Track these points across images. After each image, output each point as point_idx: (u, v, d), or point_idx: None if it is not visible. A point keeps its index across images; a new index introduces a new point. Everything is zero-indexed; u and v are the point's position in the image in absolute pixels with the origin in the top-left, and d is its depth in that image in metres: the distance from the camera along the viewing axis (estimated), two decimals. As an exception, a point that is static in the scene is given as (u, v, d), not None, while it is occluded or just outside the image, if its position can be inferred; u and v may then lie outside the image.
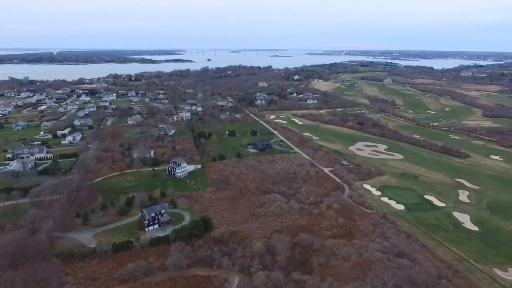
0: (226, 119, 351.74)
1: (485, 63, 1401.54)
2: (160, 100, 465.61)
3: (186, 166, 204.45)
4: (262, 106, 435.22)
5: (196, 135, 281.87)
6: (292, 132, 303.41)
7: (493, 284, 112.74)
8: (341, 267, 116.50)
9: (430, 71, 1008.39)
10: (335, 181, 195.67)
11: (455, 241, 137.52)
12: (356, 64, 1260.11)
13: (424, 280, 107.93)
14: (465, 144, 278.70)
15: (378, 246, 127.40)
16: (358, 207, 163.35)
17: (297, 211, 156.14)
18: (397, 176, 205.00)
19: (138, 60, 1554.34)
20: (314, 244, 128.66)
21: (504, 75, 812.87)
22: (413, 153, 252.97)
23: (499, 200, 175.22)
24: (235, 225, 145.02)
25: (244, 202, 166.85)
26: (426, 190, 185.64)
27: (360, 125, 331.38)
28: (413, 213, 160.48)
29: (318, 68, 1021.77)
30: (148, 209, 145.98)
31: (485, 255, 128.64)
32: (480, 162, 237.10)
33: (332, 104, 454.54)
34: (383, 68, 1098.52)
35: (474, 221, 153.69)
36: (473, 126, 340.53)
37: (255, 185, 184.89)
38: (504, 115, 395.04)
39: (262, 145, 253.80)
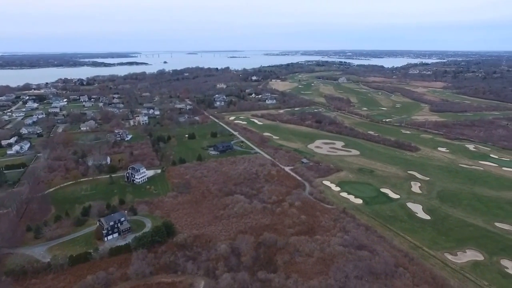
0: (185, 122, 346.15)
1: (430, 61, 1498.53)
2: (115, 105, 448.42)
3: (145, 172, 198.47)
4: (221, 107, 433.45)
5: (154, 139, 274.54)
6: (252, 133, 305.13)
7: (445, 268, 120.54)
8: (305, 263, 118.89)
9: (381, 69, 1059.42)
10: (296, 179, 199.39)
11: (409, 231, 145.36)
12: (312, 64, 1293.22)
13: (383, 270, 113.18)
14: (415, 138, 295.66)
15: (339, 240, 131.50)
16: (319, 204, 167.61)
17: (260, 211, 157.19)
18: (354, 172, 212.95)
19: (90, 63, 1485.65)
20: (278, 242, 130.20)
21: (447, 72, 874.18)
22: (368, 149, 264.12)
23: (447, 189, 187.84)
24: (198, 228, 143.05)
25: (207, 205, 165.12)
26: (381, 184, 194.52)
27: (318, 124, 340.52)
28: (370, 206, 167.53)
29: (275, 68, 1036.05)
30: (106, 217, 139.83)
31: (436, 241, 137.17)
32: (429, 154, 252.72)
33: (290, 103, 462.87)
34: (338, 67, 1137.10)
35: (426, 210, 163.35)
36: (421, 120, 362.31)
37: (217, 187, 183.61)
38: (448, 109, 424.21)
39: (223, 147, 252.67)
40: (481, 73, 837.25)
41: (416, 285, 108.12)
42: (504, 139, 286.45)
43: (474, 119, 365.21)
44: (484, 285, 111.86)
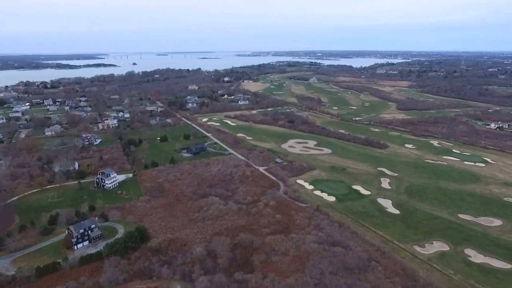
0: (156, 124, 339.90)
1: (396, 61, 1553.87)
2: (82, 108, 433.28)
3: (116, 176, 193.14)
4: (193, 109, 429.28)
5: (125, 143, 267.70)
6: (226, 134, 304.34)
7: (414, 260, 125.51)
8: (281, 262, 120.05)
9: (350, 69, 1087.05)
10: (271, 179, 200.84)
11: (380, 225, 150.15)
12: (283, 64, 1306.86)
13: (356, 264, 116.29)
14: (383, 136, 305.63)
15: (314, 237, 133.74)
16: (294, 202, 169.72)
17: (236, 212, 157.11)
18: (327, 170, 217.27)
19: (54, 65, 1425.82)
20: (254, 242, 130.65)
21: (411, 72, 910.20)
22: (340, 147, 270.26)
23: (414, 184, 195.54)
24: (173, 232, 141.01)
25: (181, 208, 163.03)
26: (353, 181, 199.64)
27: (291, 123, 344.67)
28: (343, 203, 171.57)
29: (247, 69, 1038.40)
30: (75, 225, 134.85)
31: (406, 235, 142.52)
32: (397, 151, 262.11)
33: (263, 104, 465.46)
34: (308, 68, 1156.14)
35: (395, 205, 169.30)
36: (389, 119, 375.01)
37: (191, 189, 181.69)
38: (414, 107, 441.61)
39: (196, 149, 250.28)
40: (443, 73, 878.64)
41: (388, 278, 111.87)
42: (465, 135, 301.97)
43: (437, 116, 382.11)
44: (450, 274, 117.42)
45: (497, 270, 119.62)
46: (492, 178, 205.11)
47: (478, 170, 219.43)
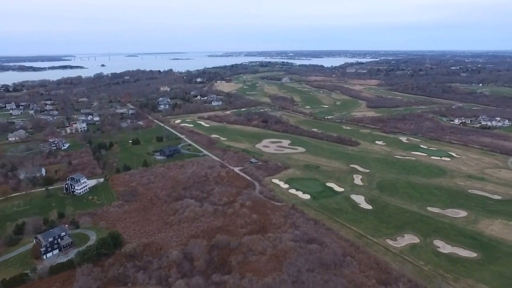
0: (128, 127, 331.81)
1: (365, 60, 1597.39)
2: (48, 112, 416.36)
3: (86, 181, 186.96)
4: (166, 111, 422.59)
5: (95, 147, 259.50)
6: (200, 135, 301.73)
7: (387, 253, 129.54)
8: (259, 262, 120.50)
9: (321, 69, 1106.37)
10: (246, 179, 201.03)
11: (354, 221, 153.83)
12: (256, 64, 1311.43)
13: (332, 260, 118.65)
14: (355, 133, 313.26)
15: (290, 236, 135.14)
16: (269, 202, 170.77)
17: (212, 213, 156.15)
18: (301, 168, 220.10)
19: (16, 67, 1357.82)
20: (231, 243, 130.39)
21: (380, 71, 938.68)
22: (313, 145, 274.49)
23: (385, 179, 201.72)
24: (148, 237, 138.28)
25: (156, 212, 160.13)
26: (327, 178, 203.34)
27: (265, 123, 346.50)
28: (317, 201, 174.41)
29: (220, 69, 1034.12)
30: (44, 234, 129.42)
31: (379, 229, 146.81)
32: (368, 148, 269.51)
33: (236, 104, 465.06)
34: (281, 68, 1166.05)
35: (368, 201, 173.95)
36: (360, 116, 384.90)
37: (165, 192, 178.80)
38: (383, 105, 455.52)
39: (169, 151, 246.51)
40: (409, 71, 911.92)
41: (363, 272, 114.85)
42: (431, 131, 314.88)
43: (405, 113, 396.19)
44: (420, 265, 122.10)
45: (464, 259, 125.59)
46: (457, 171, 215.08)
47: (444, 164, 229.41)
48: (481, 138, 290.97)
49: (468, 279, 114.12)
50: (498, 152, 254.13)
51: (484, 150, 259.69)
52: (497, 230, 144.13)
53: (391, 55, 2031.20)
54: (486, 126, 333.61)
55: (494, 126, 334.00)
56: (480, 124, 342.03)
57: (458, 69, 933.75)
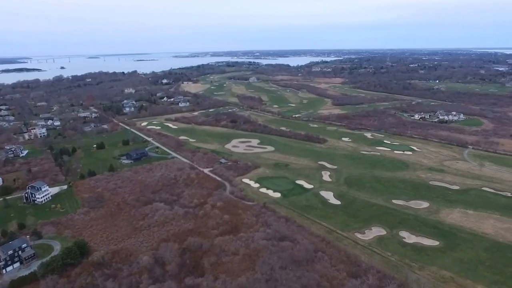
0: (91, 131, 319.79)
1: (329, 59, 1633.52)
2: (4, 117, 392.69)
3: (48, 189, 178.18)
4: (131, 113, 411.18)
5: (56, 153, 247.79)
6: (168, 137, 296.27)
7: (356, 246, 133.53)
8: (232, 262, 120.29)
9: (288, 68, 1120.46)
10: (216, 180, 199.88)
11: (324, 217, 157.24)
12: (223, 64, 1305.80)
13: (304, 256, 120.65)
14: (322, 131, 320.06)
15: (262, 234, 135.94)
16: (241, 202, 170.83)
17: (183, 216, 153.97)
18: (271, 167, 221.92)
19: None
20: (203, 245, 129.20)
21: (344, 69, 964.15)
22: (282, 144, 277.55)
23: (352, 175, 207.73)
24: (116, 243, 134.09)
25: (124, 217, 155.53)
26: (296, 176, 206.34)
27: (233, 123, 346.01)
28: (288, 199, 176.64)
29: (186, 70, 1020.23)
30: (3, 246, 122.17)
31: (348, 223, 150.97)
32: (335, 145, 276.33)
33: (204, 105, 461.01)
34: (248, 68, 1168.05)
35: (336, 196, 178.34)
36: (326, 114, 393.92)
37: (134, 197, 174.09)
38: (348, 102, 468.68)
39: (136, 154, 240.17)
40: (371, 69, 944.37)
41: (334, 266, 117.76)
42: (394, 126, 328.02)
43: (369, 110, 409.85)
44: (388, 256, 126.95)
45: (427, 247, 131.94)
46: (419, 164, 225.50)
47: (407, 158, 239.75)
48: (439, 132, 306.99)
49: (432, 266, 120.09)
50: (455, 144, 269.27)
51: (442, 143, 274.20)
52: (456, 219, 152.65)
53: (354, 54, 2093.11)
54: (443, 120, 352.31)
55: (451, 120, 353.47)
56: (438, 118, 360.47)
57: (416, 67, 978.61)
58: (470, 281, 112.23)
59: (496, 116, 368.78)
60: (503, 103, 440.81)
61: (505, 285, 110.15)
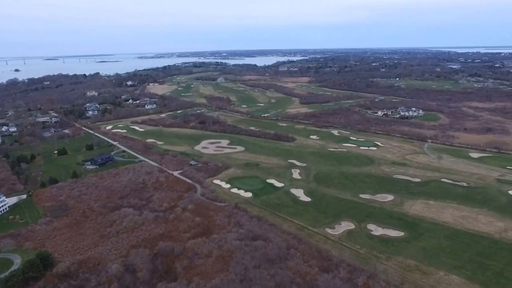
0: (52, 136, 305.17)
1: (296, 58, 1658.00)
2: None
3: (5, 200, 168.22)
4: (95, 117, 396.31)
5: (13, 161, 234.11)
6: (134, 141, 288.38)
7: (327, 242, 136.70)
8: (205, 265, 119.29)
9: (255, 68, 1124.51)
10: (187, 183, 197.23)
11: (295, 214, 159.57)
12: (189, 65, 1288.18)
13: (277, 254, 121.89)
14: (291, 130, 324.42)
15: (235, 235, 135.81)
16: (212, 203, 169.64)
17: (153, 221, 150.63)
18: (241, 167, 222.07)
19: None
20: (175, 249, 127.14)
21: (310, 68, 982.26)
22: (252, 144, 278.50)
23: (321, 172, 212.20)
24: (83, 253, 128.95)
25: (90, 225, 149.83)
26: (267, 175, 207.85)
27: (202, 124, 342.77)
28: (259, 198, 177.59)
29: (151, 71, 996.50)
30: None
31: (318, 219, 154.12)
32: (304, 143, 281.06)
33: (171, 107, 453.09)
34: (215, 68, 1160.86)
35: (306, 193, 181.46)
36: (294, 113, 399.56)
37: (100, 203, 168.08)
38: (315, 101, 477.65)
39: (102, 159, 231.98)
40: (336, 68, 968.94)
41: (306, 262, 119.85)
42: (359, 123, 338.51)
43: (335, 108, 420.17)
44: (357, 249, 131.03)
45: (393, 239, 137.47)
46: (383, 159, 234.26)
47: (372, 153, 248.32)
48: (401, 127, 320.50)
49: (398, 256, 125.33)
50: (416, 139, 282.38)
51: (404, 138, 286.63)
52: (418, 210, 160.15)
53: (319, 53, 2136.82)
54: (404, 116, 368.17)
55: (411, 116, 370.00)
56: (399, 114, 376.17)
57: (378, 65, 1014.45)
58: (433, 268, 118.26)
59: (452, 111, 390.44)
60: (457, 99, 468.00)
61: (464, 269, 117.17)
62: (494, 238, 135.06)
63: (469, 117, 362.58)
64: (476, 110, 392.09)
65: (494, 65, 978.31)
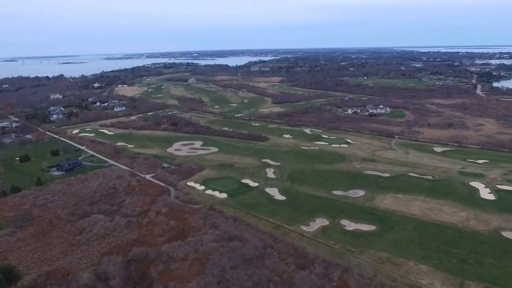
0: (13, 142, 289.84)
1: (267, 58, 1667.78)
2: None
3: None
4: (60, 121, 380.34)
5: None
6: (103, 144, 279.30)
7: (302, 239, 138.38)
8: (181, 268, 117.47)
9: (227, 68, 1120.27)
10: (160, 186, 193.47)
11: (271, 213, 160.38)
12: (159, 66, 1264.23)
13: (254, 254, 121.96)
14: (264, 129, 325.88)
15: (211, 237, 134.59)
16: (187, 206, 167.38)
17: (125, 226, 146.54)
18: (216, 168, 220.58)
19: None
20: (149, 254, 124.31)
21: (281, 68, 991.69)
22: (225, 144, 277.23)
23: (295, 170, 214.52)
24: (51, 263, 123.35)
25: (58, 234, 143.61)
26: (242, 175, 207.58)
27: (174, 126, 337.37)
28: (235, 198, 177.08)
29: (120, 73, 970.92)
30: None
31: (293, 217, 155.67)
32: (277, 142, 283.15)
33: (142, 109, 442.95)
34: (186, 69, 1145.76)
35: (281, 192, 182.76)
36: (267, 112, 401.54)
37: (68, 211, 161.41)
38: (287, 100, 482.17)
39: (68, 165, 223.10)
40: (307, 67, 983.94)
41: (283, 260, 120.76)
42: (330, 121, 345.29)
43: (307, 107, 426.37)
44: (331, 244, 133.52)
45: (366, 233, 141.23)
46: (354, 156, 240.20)
47: (343, 150, 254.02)
48: (370, 124, 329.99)
49: (370, 249, 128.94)
50: (384, 135, 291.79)
51: (373, 135, 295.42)
52: (388, 203, 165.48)
53: (290, 53, 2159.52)
54: (373, 114, 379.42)
55: (379, 113, 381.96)
56: (368, 112, 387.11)
57: (347, 65, 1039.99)
58: (403, 259, 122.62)
59: (416, 107, 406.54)
60: (421, 96, 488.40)
61: (431, 258, 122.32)
62: (458, 227, 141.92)
63: (432, 113, 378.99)
64: (438, 107, 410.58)
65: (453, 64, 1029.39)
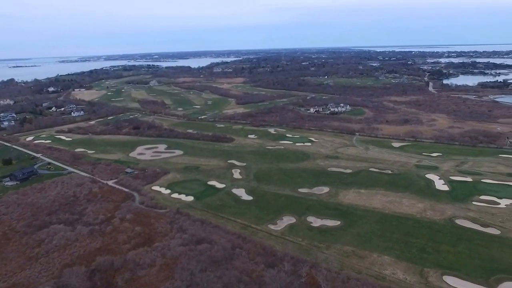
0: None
1: (229, 59, 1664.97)
2: None
3: None
4: (12, 128, 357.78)
5: None
6: (61, 151, 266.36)
7: (271, 238, 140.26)
8: (149, 275, 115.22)
9: (189, 70, 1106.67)
10: (123, 192, 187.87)
11: (238, 214, 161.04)
12: (119, 69, 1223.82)
13: (223, 256, 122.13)
14: (229, 130, 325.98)
15: (178, 241, 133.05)
16: (152, 210, 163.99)
17: (88, 235, 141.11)
18: (181, 171, 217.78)
19: None
20: (114, 263, 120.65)
21: (244, 69, 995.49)
22: (190, 147, 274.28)
23: (260, 170, 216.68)
24: (6, 279, 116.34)
25: (14, 248, 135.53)
26: (208, 177, 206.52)
27: (137, 130, 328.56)
28: (201, 201, 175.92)
29: (76, 76, 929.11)
30: None
31: (261, 217, 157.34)
32: (242, 142, 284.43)
33: (101, 113, 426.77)
34: (147, 71, 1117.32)
35: (248, 192, 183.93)
36: (231, 113, 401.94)
37: (24, 223, 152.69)
38: (250, 101, 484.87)
39: (23, 174, 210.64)
40: (269, 68, 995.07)
41: (252, 260, 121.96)
42: (293, 120, 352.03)
43: (270, 107, 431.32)
44: (299, 241, 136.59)
45: (331, 228, 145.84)
46: (317, 154, 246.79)
47: (307, 149, 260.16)
48: (332, 122, 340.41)
49: (336, 244, 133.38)
50: (345, 133, 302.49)
51: (335, 133, 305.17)
52: (351, 198, 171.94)
53: (252, 54, 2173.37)
54: (334, 112, 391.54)
55: (340, 112, 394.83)
56: (329, 110, 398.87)
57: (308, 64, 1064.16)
58: (368, 251, 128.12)
59: (375, 105, 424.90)
60: (378, 94, 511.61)
61: (393, 249, 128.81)
62: (416, 218, 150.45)
63: (389, 110, 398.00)
64: (395, 104, 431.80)
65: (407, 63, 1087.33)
